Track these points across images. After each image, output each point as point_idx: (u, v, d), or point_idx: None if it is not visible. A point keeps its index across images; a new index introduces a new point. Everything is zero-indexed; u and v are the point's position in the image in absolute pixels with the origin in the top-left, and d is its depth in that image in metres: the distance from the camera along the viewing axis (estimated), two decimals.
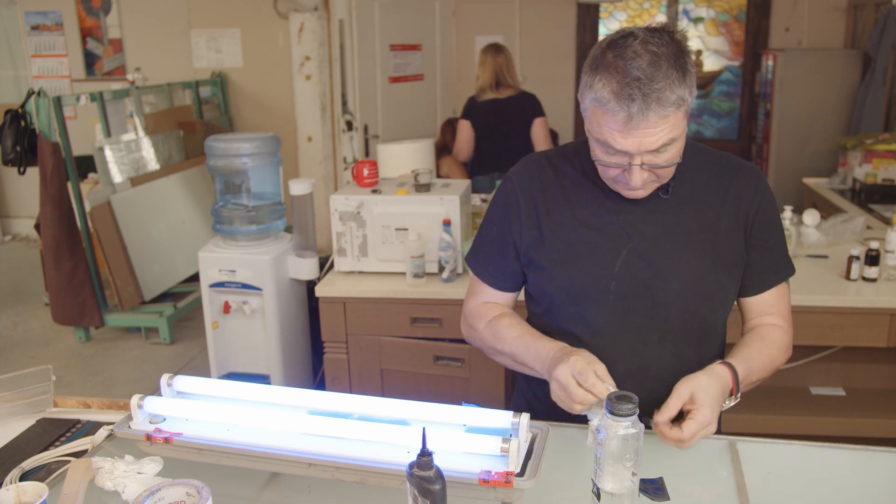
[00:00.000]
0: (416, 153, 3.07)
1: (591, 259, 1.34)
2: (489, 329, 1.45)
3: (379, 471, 1.10)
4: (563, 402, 1.24)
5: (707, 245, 1.34)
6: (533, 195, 1.40)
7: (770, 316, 1.42)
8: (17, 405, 1.49)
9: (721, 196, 1.36)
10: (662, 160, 1.22)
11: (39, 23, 6.12)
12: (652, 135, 1.17)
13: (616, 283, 1.33)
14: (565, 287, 1.36)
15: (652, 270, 1.32)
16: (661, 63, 1.15)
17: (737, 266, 1.37)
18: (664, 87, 1.14)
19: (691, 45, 5.91)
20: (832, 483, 1.23)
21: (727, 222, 1.35)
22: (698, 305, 1.35)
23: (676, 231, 1.34)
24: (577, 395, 1.20)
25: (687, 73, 1.18)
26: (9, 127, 3.88)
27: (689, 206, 1.35)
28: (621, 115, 1.16)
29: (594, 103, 1.19)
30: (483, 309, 1.48)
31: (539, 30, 5.87)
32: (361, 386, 2.64)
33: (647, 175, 1.24)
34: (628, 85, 1.14)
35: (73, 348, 4.24)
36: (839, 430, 2.59)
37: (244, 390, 1.30)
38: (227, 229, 2.89)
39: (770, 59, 5.19)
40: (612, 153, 1.22)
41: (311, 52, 5.15)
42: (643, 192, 1.29)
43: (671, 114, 1.17)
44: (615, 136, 1.19)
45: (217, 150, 2.89)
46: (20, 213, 6.59)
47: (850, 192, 4.05)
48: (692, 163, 1.35)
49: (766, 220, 1.37)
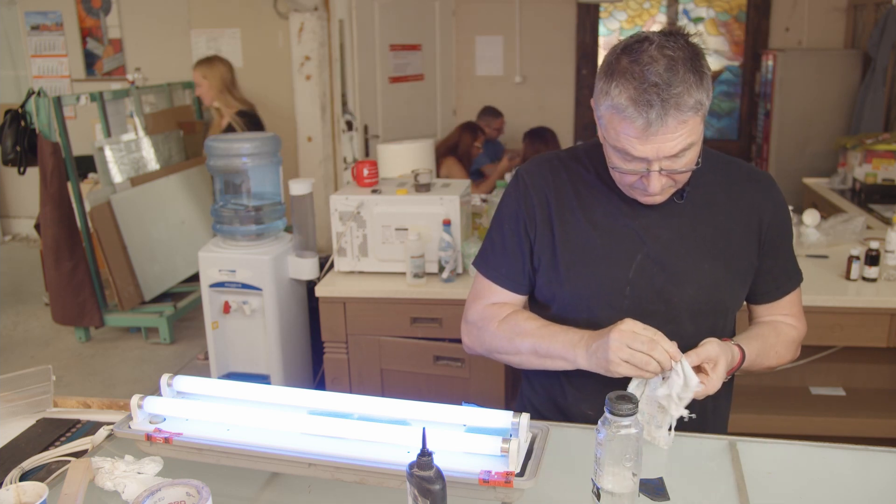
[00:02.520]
0: (416, 153, 3.07)
1: (605, 263, 1.33)
2: (505, 326, 1.39)
3: (379, 471, 1.10)
4: (630, 363, 1.21)
5: (720, 251, 1.34)
6: (545, 195, 1.38)
7: (785, 316, 1.44)
8: (17, 405, 1.49)
9: (735, 203, 1.35)
10: (680, 165, 1.21)
11: (39, 23, 6.11)
12: (670, 140, 1.16)
13: (631, 287, 1.33)
14: (578, 291, 1.35)
15: (666, 275, 1.32)
16: (678, 67, 1.14)
17: (748, 273, 1.37)
18: (682, 91, 1.13)
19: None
20: (832, 483, 1.23)
21: (740, 229, 1.35)
22: (711, 310, 1.35)
23: (691, 236, 1.33)
24: (649, 344, 1.19)
25: (704, 77, 1.16)
26: (9, 127, 3.88)
27: (703, 212, 1.34)
28: (640, 122, 1.15)
29: (611, 110, 1.18)
30: (492, 310, 1.42)
31: (539, 30, 5.87)
32: (361, 386, 2.64)
33: (665, 181, 1.23)
34: (646, 91, 1.13)
35: (73, 348, 4.23)
36: (839, 430, 2.59)
37: (244, 390, 1.30)
38: (227, 229, 2.89)
39: (770, 59, 5.19)
40: (630, 160, 1.21)
41: (311, 52, 5.15)
42: (661, 197, 1.28)
43: (689, 118, 1.16)
44: (633, 142, 1.18)
45: (217, 150, 2.89)
46: (20, 213, 6.59)
47: (850, 192, 4.05)
48: (707, 168, 1.34)
49: (779, 228, 1.38)
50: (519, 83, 5.96)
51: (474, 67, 6.01)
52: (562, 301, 1.37)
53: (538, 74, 5.92)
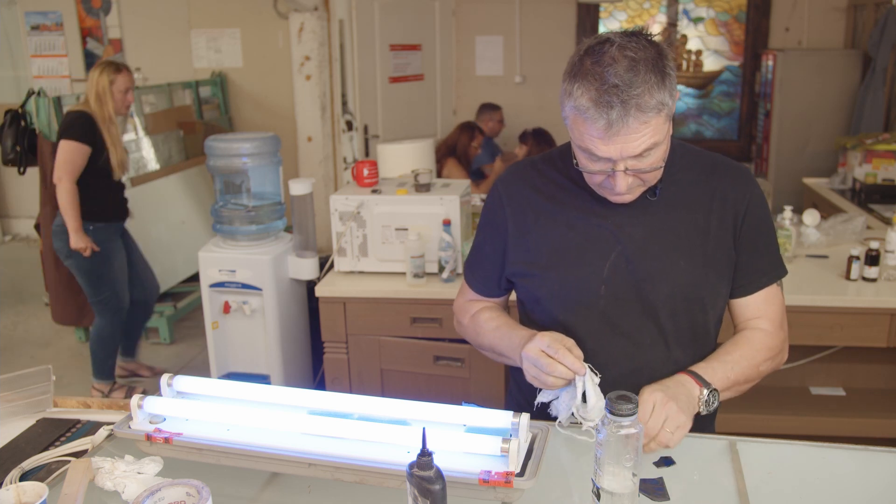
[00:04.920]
0: (416, 153, 3.07)
1: (580, 263, 1.34)
2: (472, 323, 1.50)
3: (379, 471, 1.10)
4: (536, 380, 1.26)
5: (696, 246, 1.33)
6: (520, 201, 1.40)
7: (756, 320, 1.39)
8: (17, 405, 1.49)
9: (709, 196, 1.35)
10: (646, 165, 1.21)
11: (39, 23, 6.12)
12: (633, 140, 1.17)
13: (606, 286, 1.33)
14: (555, 292, 1.36)
15: (642, 273, 1.32)
16: (638, 68, 1.14)
17: (727, 267, 1.36)
18: (643, 92, 1.13)
19: (691, 45, 5.91)
20: (832, 483, 1.23)
21: (716, 223, 1.34)
22: (689, 307, 1.34)
23: (665, 233, 1.33)
24: (547, 365, 1.22)
25: (666, 77, 1.16)
26: (9, 127, 3.88)
27: (677, 208, 1.34)
28: (601, 123, 1.15)
29: (574, 111, 1.19)
30: (468, 305, 1.54)
31: (539, 30, 5.87)
32: (361, 386, 2.64)
33: (631, 180, 1.23)
34: (606, 92, 1.13)
35: (73, 348, 4.24)
36: (839, 430, 2.59)
37: (244, 390, 1.30)
38: (227, 229, 2.89)
39: (770, 59, 5.19)
40: (595, 160, 1.21)
41: (311, 52, 5.15)
42: (630, 196, 1.28)
43: (652, 119, 1.16)
44: (596, 143, 1.18)
45: (217, 150, 2.89)
46: (20, 213, 6.59)
47: (850, 192, 4.05)
48: (680, 164, 1.34)
49: (755, 221, 1.35)
50: (519, 83, 5.96)
51: (474, 67, 6.01)
52: (541, 303, 1.39)
53: (538, 74, 5.92)
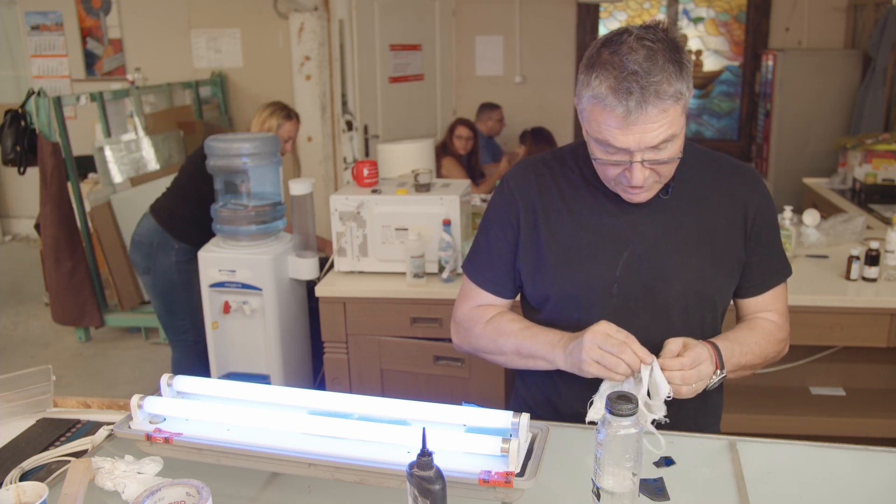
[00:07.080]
0: (416, 153, 3.07)
1: (592, 262, 1.34)
2: (490, 327, 1.42)
3: (379, 471, 1.10)
4: (600, 366, 1.23)
5: (707, 246, 1.34)
6: (531, 199, 1.39)
7: (766, 313, 1.43)
8: (17, 405, 1.49)
9: (718, 195, 1.36)
10: (663, 156, 1.21)
11: (39, 23, 6.11)
12: (651, 130, 1.17)
13: (618, 285, 1.33)
14: (567, 291, 1.35)
15: (653, 272, 1.32)
16: (657, 57, 1.15)
17: (735, 267, 1.37)
18: (661, 79, 1.14)
19: (691, 45, 5.91)
20: (832, 483, 1.23)
21: (726, 223, 1.35)
22: (700, 305, 1.35)
23: (677, 232, 1.34)
24: (618, 345, 1.21)
25: (683, 68, 1.17)
26: (9, 127, 3.88)
27: (689, 207, 1.35)
28: (620, 110, 1.15)
29: (592, 101, 1.19)
30: (479, 312, 1.46)
31: (539, 30, 5.87)
32: (361, 386, 2.64)
33: (648, 173, 1.23)
34: (625, 79, 1.14)
35: (73, 348, 4.23)
36: (839, 430, 2.59)
37: (244, 390, 1.30)
38: (227, 229, 2.89)
39: (770, 59, 5.19)
40: (613, 151, 1.21)
41: (311, 52, 5.14)
42: (645, 193, 1.28)
43: (670, 107, 1.16)
44: (614, 133, 1.18)
45: (217, 150, 2.89)
46: (20, 213, 6.59)
47: (850, 192, 4.05)
48: (691, 163, 1.35)
49: (765, 223, 1.37)
50: (519, 83, 5.96)
51: (474, 67, 6.01)
52: (551, 303, 1.38)
53: (538, 74, 5.92)
